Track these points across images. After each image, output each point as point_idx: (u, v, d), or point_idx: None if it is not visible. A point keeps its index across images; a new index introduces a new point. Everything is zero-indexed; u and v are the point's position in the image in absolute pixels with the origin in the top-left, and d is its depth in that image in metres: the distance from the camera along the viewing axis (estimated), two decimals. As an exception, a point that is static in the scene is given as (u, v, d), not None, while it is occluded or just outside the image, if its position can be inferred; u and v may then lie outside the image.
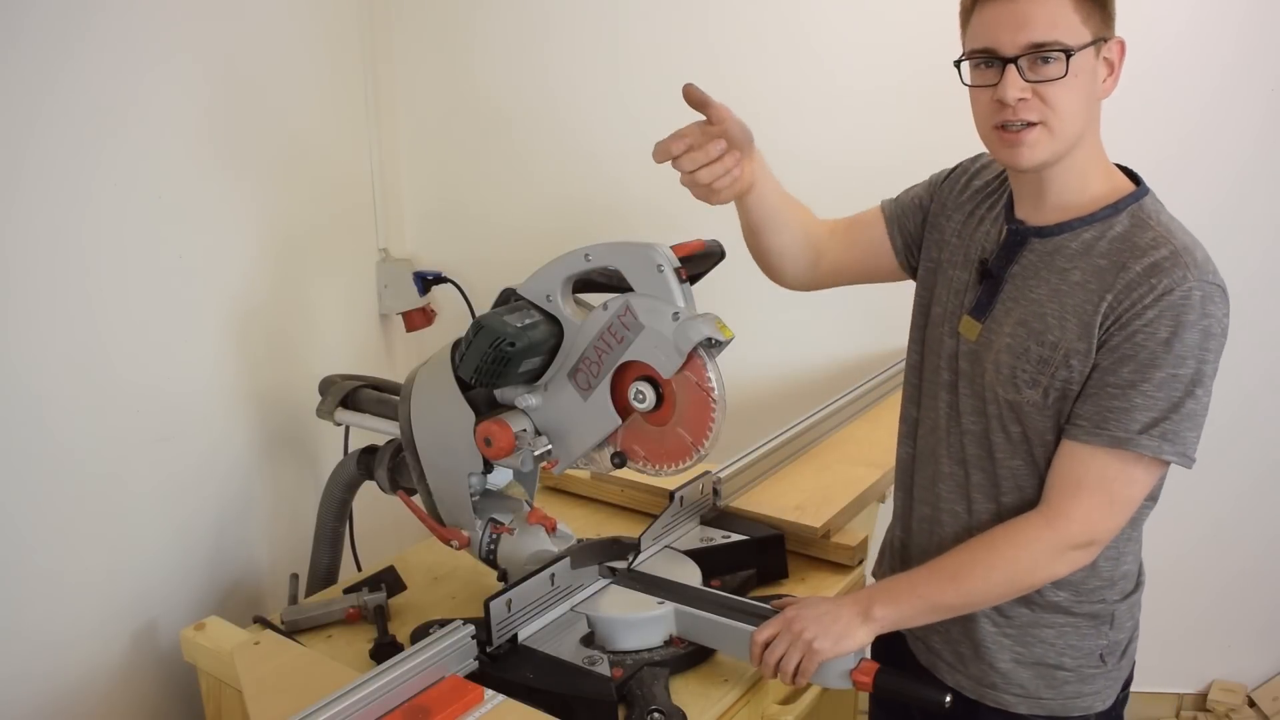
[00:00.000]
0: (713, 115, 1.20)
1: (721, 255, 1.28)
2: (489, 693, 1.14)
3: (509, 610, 1.24)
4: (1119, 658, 1.27)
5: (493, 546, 1.38)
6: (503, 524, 1.39)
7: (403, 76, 2.21)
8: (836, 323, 2.33)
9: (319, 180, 1.95)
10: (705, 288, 1.23)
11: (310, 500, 1.69)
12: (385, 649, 1.33)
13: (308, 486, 1.86)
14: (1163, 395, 1.09)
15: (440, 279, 2.19)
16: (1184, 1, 2.07)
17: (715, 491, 1.60)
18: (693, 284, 1.20)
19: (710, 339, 1.15)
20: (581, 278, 1.24)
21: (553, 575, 1.30)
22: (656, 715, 1.15)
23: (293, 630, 1.41)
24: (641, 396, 1.21)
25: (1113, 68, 1.14)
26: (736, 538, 1.51)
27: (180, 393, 1.61)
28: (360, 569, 1.70)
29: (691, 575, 1.40)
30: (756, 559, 1.50)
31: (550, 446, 1.30)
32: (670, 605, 1.30)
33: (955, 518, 1.27)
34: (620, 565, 1.41)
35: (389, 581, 1.50)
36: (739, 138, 1.21)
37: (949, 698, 1.16)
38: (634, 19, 2.20)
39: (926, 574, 1.20)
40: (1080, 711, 1.26)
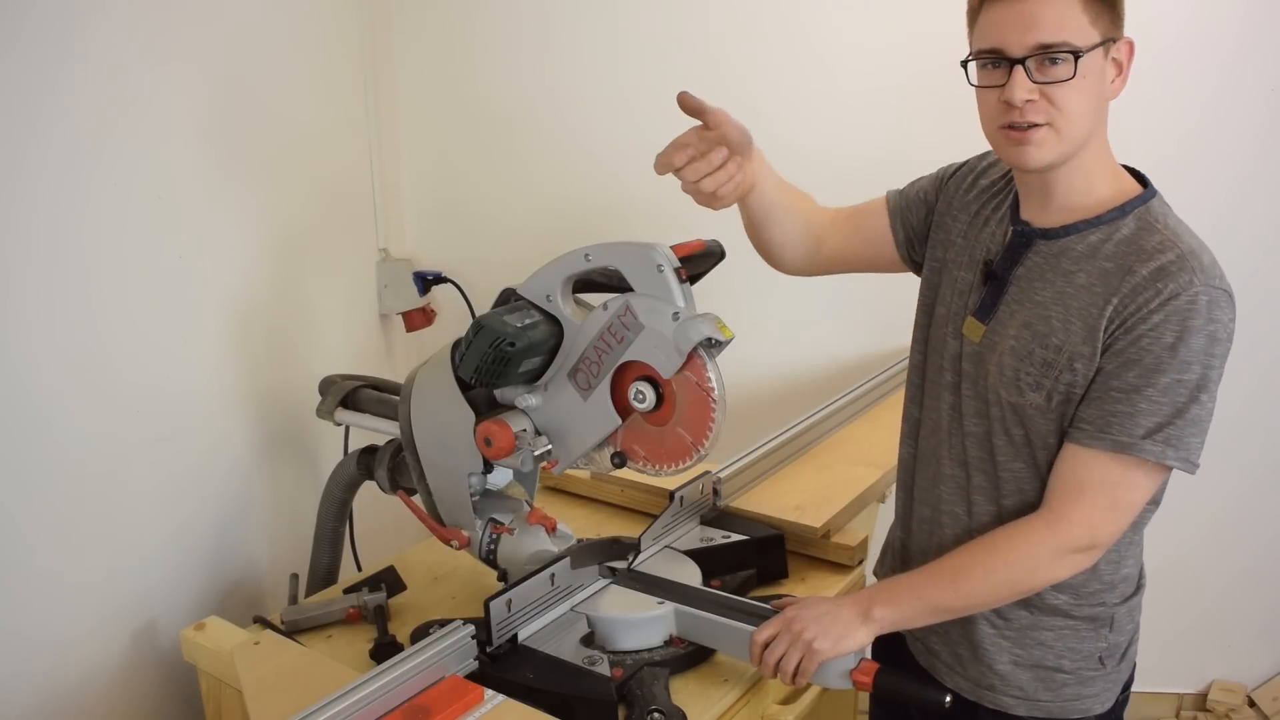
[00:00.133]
0: (710, 120, 1.19)
1: (721, 255, 1.28)
2: (489, 693, 1.14)
3: (509, 610, 1.24)
4: (1119, 660, 1.27)
5: (493, 546, 1.38)
6: (503, 524, 1.39)
7: (403, 76, 2.21)
8: (836, 323, 2.33)
9: (319, 180, 1.95)
10: (705, 288, 1.23)
11: (310, 500, 1.69)
12: (385, 649, 1.33)
13: (308, 486, 1.86)
14: (1167, 400, 1.08)
15: (440, 279, 2.19)
16: (1184, 1, 2.07)
17: (715, 491, 1.60)
18: (693, 284, 1.20)
19: (710, 339, 1.15)
20: (581, 278, 1.24)
21: (553, 575, 1.30)
22: (656, 715, 1.14)
23: (293, 630, 1.41)
24: (641, 396, 1.21)
25: (1121, 68, 1.13)
26: (736, 538, 1.51)
27: (180, 393, 1.61)
28: (360, 569, 1.70)
29: (691, 575, 1.40)
30: (756, 559, 1.49)
31: (550, 446, 1.30)
32: (670, 605, 1.30)
33: (956, 519, 1.27)
34: (620, 565, 1.41)
35: (389, 581, 1.50)
36: (738, 141, 1.20)
37: (949, 698, 1.16)
38: (634, 19, 2.20)
39: (927, 575, 1.20)
40: (1079, 714, 1.26)
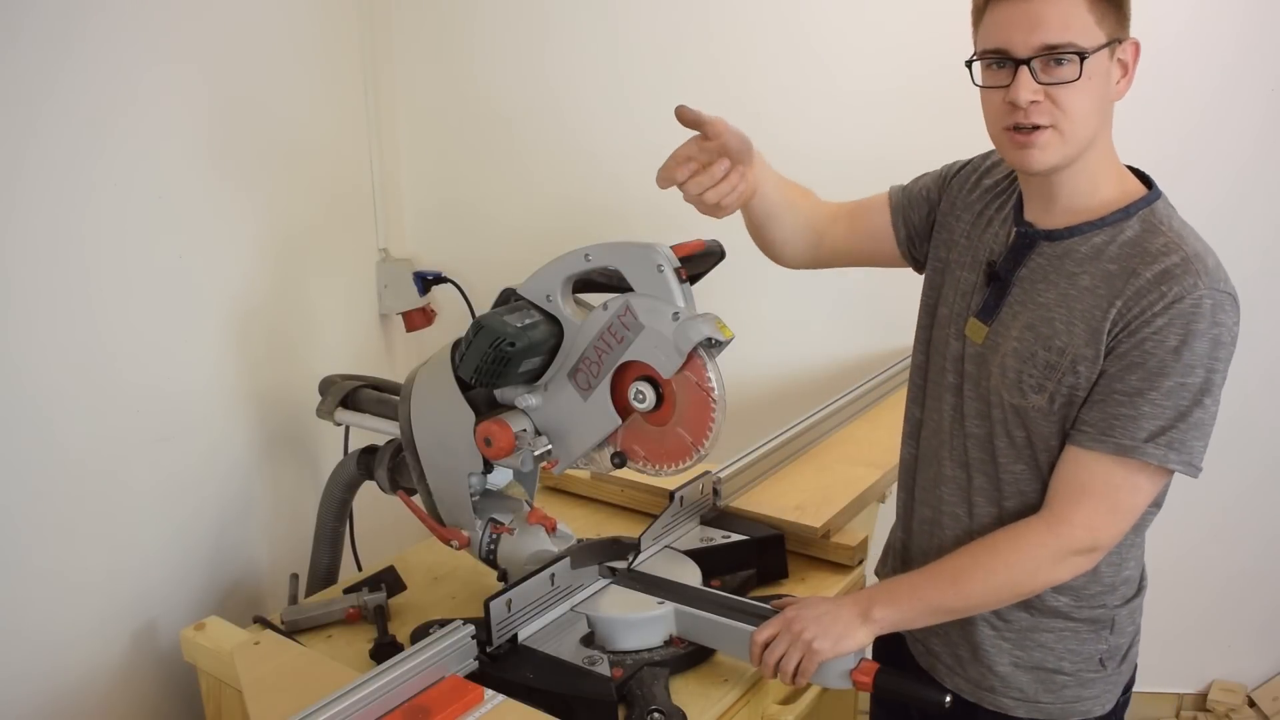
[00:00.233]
0: (709, 131, 1.18)
1: (721, 255, 1.28)
2: (489, 693, 1.14)
3: (509, 610, 1.24)
4: (1119, 662, 1.27)
5: (493, 546, 1.38)
6: (503, 524, 1.39)
7: (403, 76, 2.21)
8: (836, 323, 2.33)
9: (319, 180, 1.95)
10: (705, 288, 1.23)
11: (310, 500, 1.69)
12: (385, 649, 1.33)
13: (308, 486, 1.86)
14: (1170, 404, 1.08)
15: (440, 279, 2.19)
16: (1184, 1, 2.07)
17: (715, 491, 1.60)
18: (693, 284, 1.20)
19: (710, 339, 1.15)
20: (581, 278, 1.24)
21: (553, 575, 1.30)
22: (656, 715, 1.14)
23: (293, 630, 1.41)
24: (641, 396, 1.21)
25: (1127, 69, 1.12)
26: (736, 538, 1.51)
27: (180, 393, 1.61)
28: (360, 569, 1.70)
29: (691, 575, 1.40)
30: (756, 559, 1.49)
31: (550, 446, 1.30)
32: (670, 605, 1.30)
33: (956, 521, 1.27)
34: (620, 565, 1.41)
35: (389, 581, 1.50)
36: (738, 150, 1.19)
37: (949, 698, 1.16)
38: (634, 19, 2.20)
39: (927, 576, 1.20)
40: (1079, 715, 1.26)
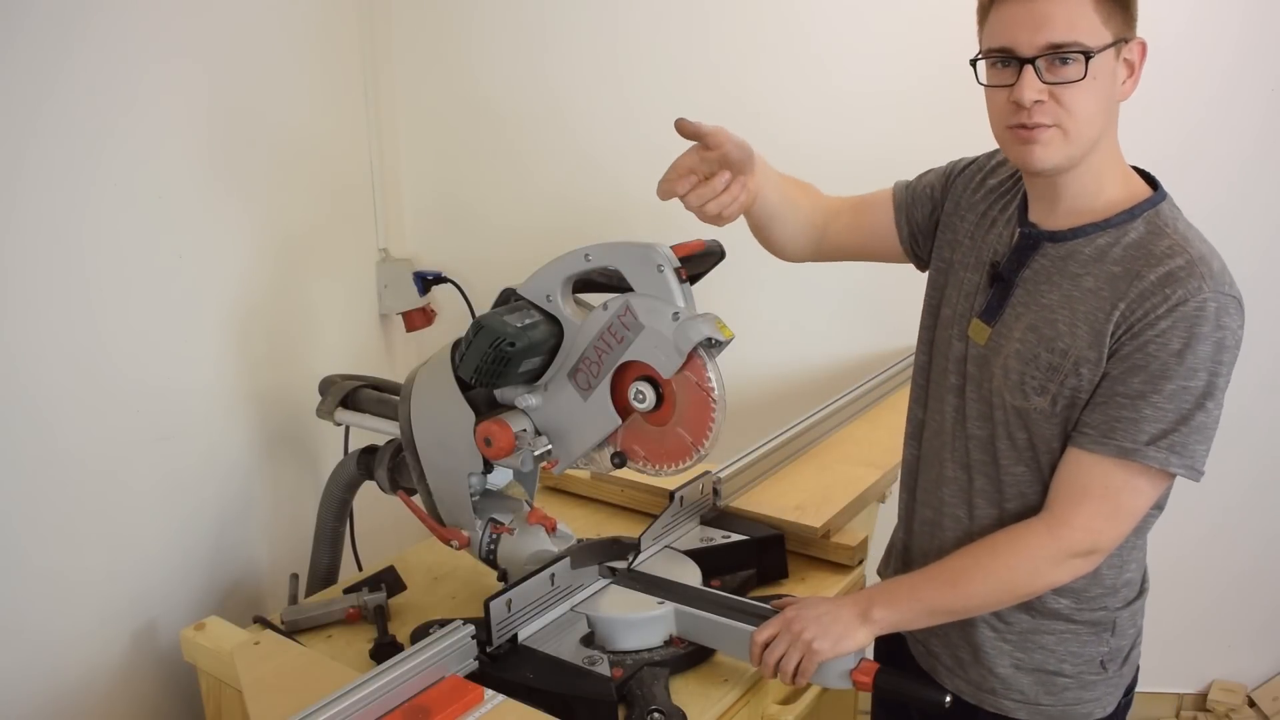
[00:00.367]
0: (710, 141, 1.17)
1: (721, 255, 1.27)
2: (489, 693, 1.14)
3: (509, 610, 1.24)
4: (1120, 664, 1.27)
5: (493, 546, 1.38)
6: (503, 524, 1.39)
7: (402, 77, 2.21)
8: (836, 323, 2.33)
9: (319, 180, 1.95)
10: (705, 288, 1.23)
11: (310, 500, 1.69)
12: (385, 649, 1.33)
13: (308, 486, 1.86)
14: (1172, 407, 1.08)
15: (440, 279, 2.19)
16: (1184, 1, 2.07)
17: (715, 491, 1.60)
18: (693, 284, 1.20)
19: (710, 339, 1.15)
20: (581, 278, 1.23)
21: (553, 575, 1.30)
22: (656, 715, 1.15)
23: (293, 630, 1.41)
24: (641, 396, 1.21)
25: (1133, 69, 1.11)
26: (736, 538, 1.51)
27: (180, 392, 1.61)
28: (360, 569, 1.70)
29: (691, 575, 1.40)
30: (756, 559, 1.49)
31: (550, 446, 1.30)
32: (670, 605, 1.30)
33: (957, 522, 1.27)
34: (620, 565, 1.41)
35: (389, 581, 1.50)
36: (739, 159, 1.18)
37: (949, 698, 1.16)
38: (634, 19, 2.20)
39: (926, 577, 1.20)
40: (1081, 718, 1.26)
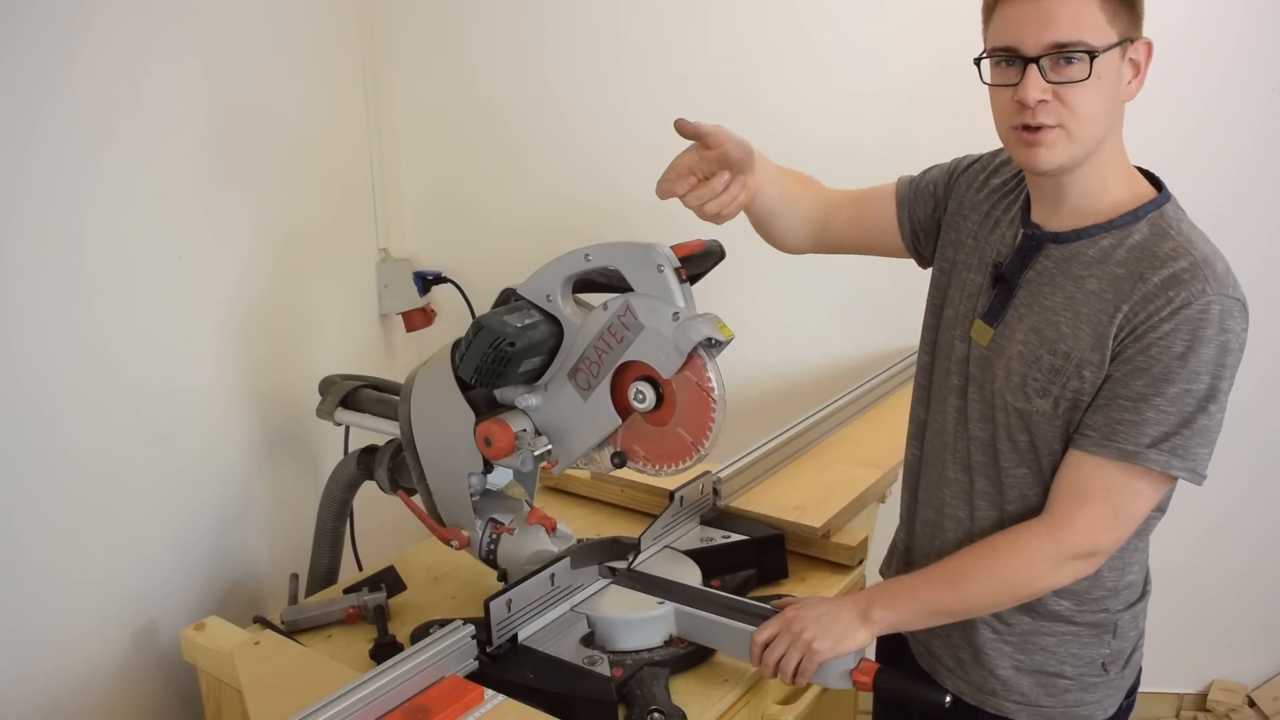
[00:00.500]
0: (709, 141, 1.17)
1: (721, 255, 1.27)
2: (489, 693, 1.14)
3: (509, 610, 1.24)
4: (1122, 666, 1.26)
5: (493, 546, 1.38)
6: (503, 524, 1.39)
7: (402, 76, 2.21)
8: (837, 322, 2.33)
9: (319, 180, 1.95)
10: (705, 288, 1.23)
11: (310, 500, 1.69)
12: (385, 649, 1.33)
13: (308, 486, 1.86)
14: (1175, 410, 1.07)
15: (440, 279, 2.19)
16: (1184, 1, 2.07)
17: (715, 491, 1.60)
18: (693, 284, 1.20)
19: (710, 339, 1.15)
20: (581, 278, 1.24)
21: (553, 575, 1.30)
22: (656, 715, 1.15)
23: (293, 630, 1.41)
24: (641, 396, 1.21)
25: (1138, 69, 1.11)
26: (736, 538, 1.51)
27: (180, 392, 1.61)
28: (360, 569, 1.70)
29: (691, 575, 1.40)
30: (756, 559, 1.49)
31: (550, 446, 1.30)
32: (670, 605, 1.30)
33: (958, 523, 1.27)
34: (620, 565, 1.41)
35: (389, 581, 1.50)
36: (739, 159, 1.18)
37: (949, 698, 1.16)
38: (634, 19, 2.20)
39: (926, 578, 1.20)
40: (1082, 720, 1.26)
